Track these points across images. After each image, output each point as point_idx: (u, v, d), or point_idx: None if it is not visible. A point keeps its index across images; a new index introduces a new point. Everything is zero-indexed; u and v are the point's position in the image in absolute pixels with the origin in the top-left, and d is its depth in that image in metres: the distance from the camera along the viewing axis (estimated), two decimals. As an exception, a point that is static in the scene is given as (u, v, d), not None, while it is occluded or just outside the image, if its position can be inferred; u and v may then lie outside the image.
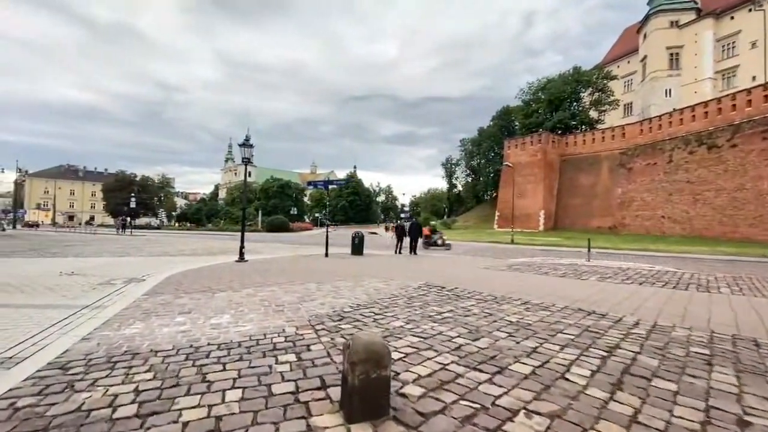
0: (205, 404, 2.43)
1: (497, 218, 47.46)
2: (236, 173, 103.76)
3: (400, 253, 15.72)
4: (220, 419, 2.26)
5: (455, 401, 2.50)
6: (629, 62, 56.26)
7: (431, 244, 20.02)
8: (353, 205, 78.37)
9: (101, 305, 5.46)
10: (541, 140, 44.01)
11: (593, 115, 50.08)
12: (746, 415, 2.41)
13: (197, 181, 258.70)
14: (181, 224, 68.52)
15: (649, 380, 2.92)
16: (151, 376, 2.89)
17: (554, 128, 47.34)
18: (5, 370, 3.07)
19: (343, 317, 4.73)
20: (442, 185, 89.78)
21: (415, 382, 2.78)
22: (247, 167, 13.07)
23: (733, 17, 44.24)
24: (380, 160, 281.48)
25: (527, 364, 3.18)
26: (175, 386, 2.70)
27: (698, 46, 46.36)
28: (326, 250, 13.95)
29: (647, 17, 50.19)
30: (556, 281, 8.24)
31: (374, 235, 39.20)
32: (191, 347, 3.57)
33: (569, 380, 2.86)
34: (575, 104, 50.76)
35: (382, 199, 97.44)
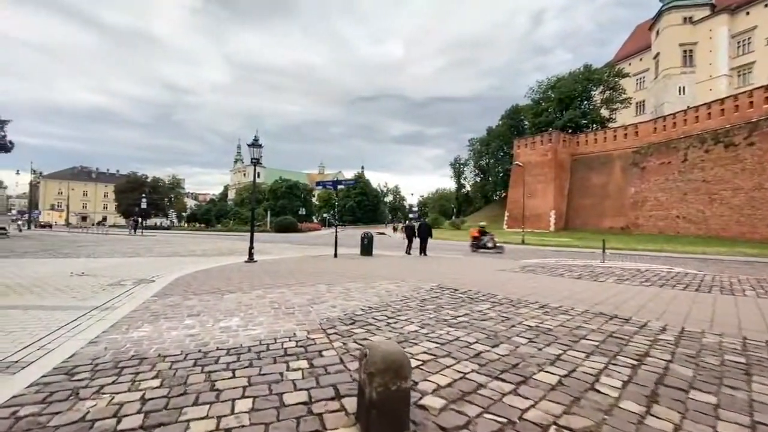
0: (213, 415, 2.30)
1: (507, 218, 47.02)
2: (245, 174, 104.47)
3: (409, 253, 15.55)
4: (229, 432, 2.13)
5: (479, 415, 2.33)
6: (641, 60, 55.31)
7: (480, 247, 17.53)
8: (361, 205, 78.36)
9: (110, 307, 5.40)
10: (551, 139, 43.46)
11: (604, 113, 49.31)
12: (800, 433, 2.21)
13: (207, 182, 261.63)
14: (190, 225, 69.13)
15: (685, 392, 2.71)
16: (158, 383, 2.77)
17: (564, 127, 46.71)
18: (10, 375, 2.98)
19: (355, 321, 4.58)
20: (450, 185, 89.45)
21: (434, 392, 2.61)
22: (256, 168, 13.01)
23: (748, 13, 43.21)
24: (387, 160, 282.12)
25: (552, 373, 2.99)
26: (182, 395, 2.57)
27: (713, 42, 45.38)
28: (335, 250, 13.84)
29: (660, 13, 49.29)
30: (572, 283, 8.00)
31: (382, 235, 39.06)
32: (200, 352, 3.45)
33: (600, 392, 2.67)
34: (586, 103, 50.05)
35: (389, 199, 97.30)
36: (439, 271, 10.01)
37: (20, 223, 48.05)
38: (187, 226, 68.90)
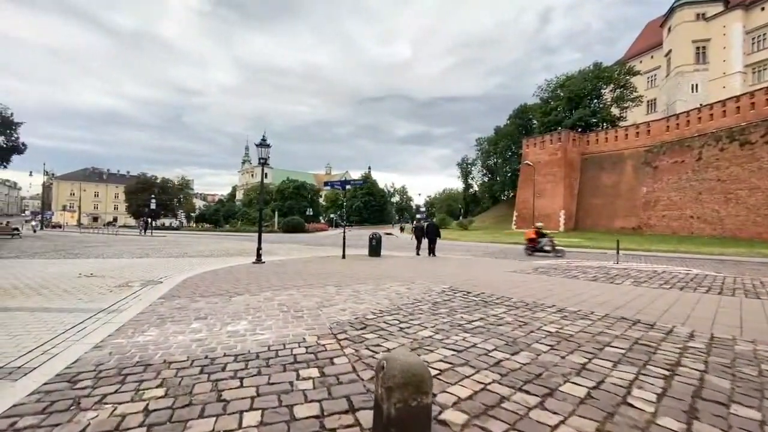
0: (219, 429, 2.16)
1: (515, 218, 46.50)
2: (253, 175, 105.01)
3: (419, 254, 15.36)
4: (236, 450, 1.98)
5: (505, 432, 2.16)
6: (653, 57, 54.39)
7: (537, 250, 15.82)
8: (368, 205, 78.33)
9: (117, 309, 5.31)
10: (561, 138, 42.88)
11: (615, 112, 48.53)
12: None
13: (215, 182, 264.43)
14: (199, 225, 69.61)
15: (726, 407, 2.51)
16: (162, 392, 2.64)
17: (574, 126, 46.05)
18: (11, 382, 2.88)
19: (366, 325, 4.42)
20: (456, 185, 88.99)
21: (455, 406, 2.44)
22: (263, 168, 12.93)
23: (763, 8, 42.25)
24: (393, 160, 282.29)
25: (580, 384, 2.80)
26: (187, 405, 2.44)
27: (726, 39, 44.44)
28: (343, 251, 13.71)
29: (672, 10, 48.42)
30: (588, 286, 7.75)
31: (389, 235, 38.88)
32: (206, 358, 3.32)
33: (634, 406, 2.48)
34: (596, 101, 49.27)
35: (396, 199, 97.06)
36: (449, 272, 9.81)
37: (34, 224, 48.72)
38: (195, 226, 69.37)
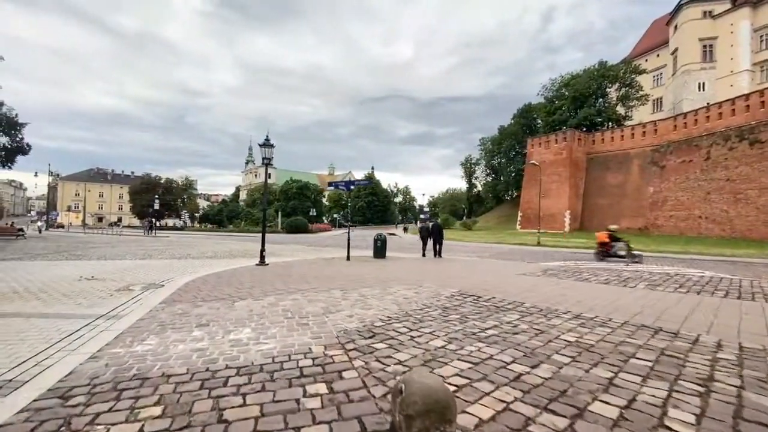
0: (220, 457, 1.97)
1: (520, 219, 46.15)
2: (256, 175, 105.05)
3: (424, 256, 15.15)
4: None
5: (535, 461, 1.95)
6: (659, 56, 53.79)
7: (611, 255, 13.52)
8: (371, 206, 78.07)
9: (116, 315, 5.14)
10: (566, 138, 42.50)
11: (620, 111, 48.06)
12: None
13: (219, 182, 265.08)
14: (202, 225, 69.64)
15: (773, 430, 2.29)
16: (160, 410, 2.45)
17: (579, 125, 45.65)
18: (1, 398, 2.70)
19: (374, 333, 4.22)
20: (460, 185, 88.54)
21: (477, 429, 2.24)
22: (267, 168, 12.76)
23: (773, 5, 41.64)
24: (395, 160, 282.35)
25: (610, 403, 2.58)
26: (185, 428, 2.25)
27: (734, 37, 43.87)
28: (348, 252, 13.52)
29: (678, 8, 47.87)
30: (602, 289, 7.51)
31: (393, 236, 38.64)
32: (207, 371, 3.13)
33: (672, 429, 2.26)
34: (601, 100, 48.84)
35: (399, 199, 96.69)
36: (456, 274, 9.59)
37: (40, 224, 48.91)
38: (199, 226, 69.39)
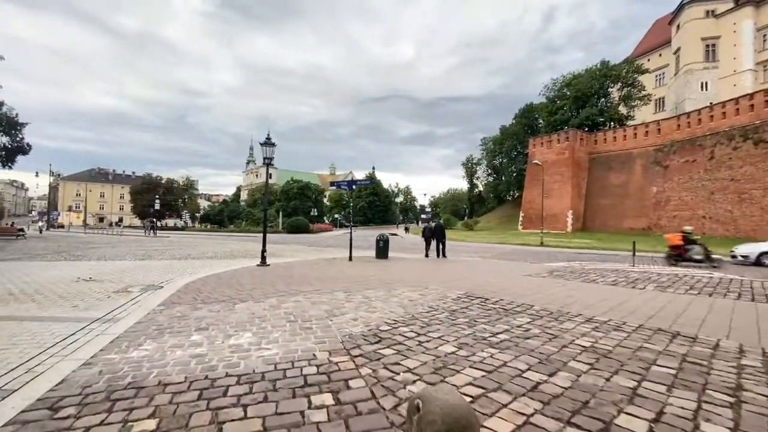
0: (219, 478, 1.80)
1: (522, 219, 45.95)
2: (257, 175, 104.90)
3: (428, 256, 14.97)
4: None
5: (564, 484, 1.78)
6: (661, 55, 53.54)
7: (685, 259, 12.41)
8: (372, 205, 77.93)
9: (113, 318, 4.98)
10: (568, 137, 42.29)
11: (623, 111, 47.84)
12: None
13: (220, 183, 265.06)
14: (203, 225, 69.54)
15: (817, 447, 2.12)
16: (154, 424, 2.28)
17: (581, 125, 45.46)
18: (-15, 409, 2.54)
19: (381, 338, 4.05)
20: (461, 185, 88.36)
21: (498, 447, 2.07)
22: (268, 167, 12.59)
23: (776, 4, 41.39)
24: (396, 160, 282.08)
25: (637, 416, 2.41)
26: (182, 444, 2.08)
27: (737, 36, 43.62)
28: (350, 253, 13.36)
29: (681, 7, 47.62)
30: (610, 291, 7.33)
31: (394, 236, 38.48)
32: (206, 379, 2.97)
33: (708, 447, 2.09)
34: (603, 100, 48.63)
35: (400, 199, 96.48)
36: (461, 275, 9.41)
37: (41, 224, 48.85)
38: (200, 226, 69.29)
